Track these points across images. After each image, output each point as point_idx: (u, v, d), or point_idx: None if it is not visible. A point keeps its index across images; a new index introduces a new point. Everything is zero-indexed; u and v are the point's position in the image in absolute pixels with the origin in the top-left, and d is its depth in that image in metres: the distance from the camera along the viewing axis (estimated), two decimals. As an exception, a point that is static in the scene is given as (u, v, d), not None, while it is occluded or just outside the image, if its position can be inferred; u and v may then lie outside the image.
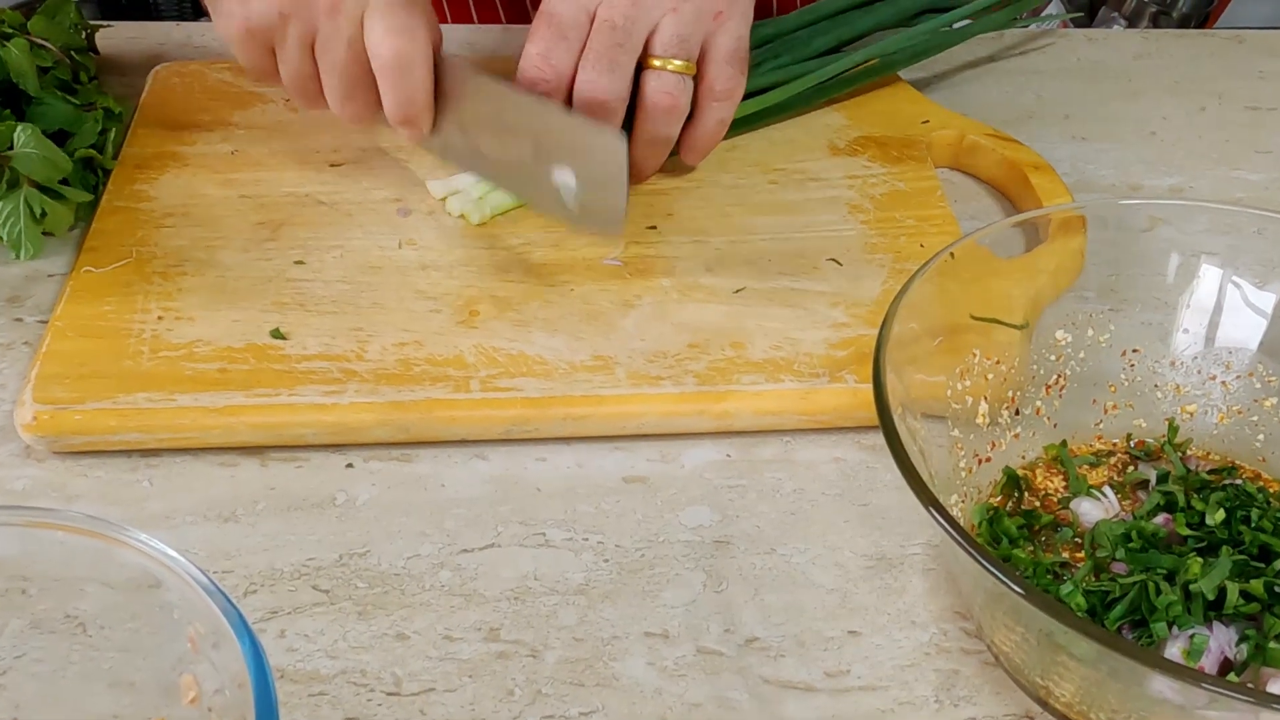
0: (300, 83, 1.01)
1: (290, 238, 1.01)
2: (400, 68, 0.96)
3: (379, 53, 0.96)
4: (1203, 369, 0.88)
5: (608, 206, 0.96)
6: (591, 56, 0.98)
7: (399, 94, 0.98)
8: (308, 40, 0.98)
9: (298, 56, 0.99)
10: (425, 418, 0.88)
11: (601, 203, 0.96)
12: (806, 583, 0.82)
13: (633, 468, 0.88)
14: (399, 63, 0.96)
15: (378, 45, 0.96)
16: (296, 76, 1.01)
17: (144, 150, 1.09)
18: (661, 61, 0.99)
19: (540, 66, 0.98)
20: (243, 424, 0.87)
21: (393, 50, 0.96)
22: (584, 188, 0.96)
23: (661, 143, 1.03)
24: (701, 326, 0.94)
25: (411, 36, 0.96)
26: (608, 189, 0.95)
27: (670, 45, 0.99)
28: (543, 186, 0.98)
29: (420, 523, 0.84)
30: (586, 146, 0.95)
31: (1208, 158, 1.18)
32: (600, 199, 0.96)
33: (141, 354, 0.90)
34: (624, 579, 0.81)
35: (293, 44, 0.99)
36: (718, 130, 1.05)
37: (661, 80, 1.00)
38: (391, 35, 0.95)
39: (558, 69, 0.98)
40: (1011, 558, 0.79)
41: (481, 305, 0.95)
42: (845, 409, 0.90)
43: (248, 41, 0.99)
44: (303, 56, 0.99)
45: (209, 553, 0.82)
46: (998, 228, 0.86)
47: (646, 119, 1.01)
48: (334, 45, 0.97)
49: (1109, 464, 0.87)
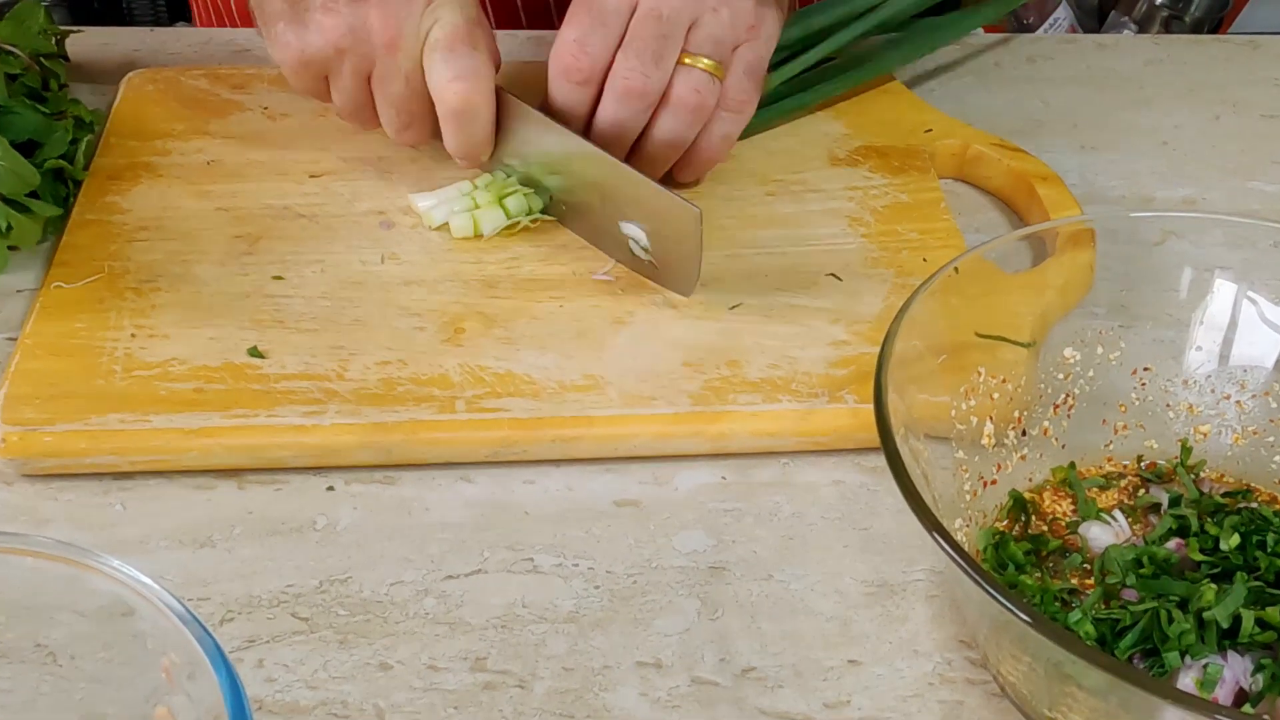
0: (355, 112, 1.05)
1: (269, 252, 1.01)
2: (465, 115, 1.00)
3: (444, 98, 1.00)
4: (1217, 388, 0.88)
5: (681, 269, 0.98)
6: (636, 45, 0.99)
7: (463, 138, 1.02)
8: (364, 73, 1.02)
9: (353, 87, 1.03)
10: (409, 439, 0.88)
11: (674, 263, 0.98)
12: (805, 610, 0.82)
13: (624, 491, 0.88)
14: (465, 109, 1.00)
15: (443, 91, 0.99)
16: (351, 105, 1.04)
17: (116, 161, 1.09)
18: (692, 59, 1.01)
19: (576, 54, 1.00)
20: (219, 446, 0.87)
21: (459, 98, 0.99)
22: (655, 246, 0.99)
23: (677, 144, 1.04)
24: (696, 344, 0.95)
25: (477, 81, 0.99)
26: (681, 253, 0.97)
27: (705, 44, 1.01)
28: (609, 232, 1.01)
29: (404, 548, 0.84)
30: (662, 212, 0.97)
31: (1222, 168, 1.19)
32: (672, 259, 0.98)
33: (114, 373, 0.90)
34: (615, 606, 0.81)
35: (348, 76, 1.02)
36: (721, 146, 1.05)
37: (691, 77, 1.01)
38: (458, 81, 0.99)
39: (593, 57, 1.00)
40: (1018, 584, 0.79)
41: (467, 322, 0.96)
42: (845, 430, 0.90)
43: (302, 71, 1.03)
44: (358, 87, 1.03)
45: (184, 579, 0.82)
46: (1004, 241, 0.87)
47: (669, 116, 1.02)
48: (392, 81, 1.01)
49: (1119, 487, 0.87)
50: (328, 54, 1.00)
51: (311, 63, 1.02)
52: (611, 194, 1.00)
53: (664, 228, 0.98)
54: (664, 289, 1.00)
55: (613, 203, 1.00)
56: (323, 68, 1.02)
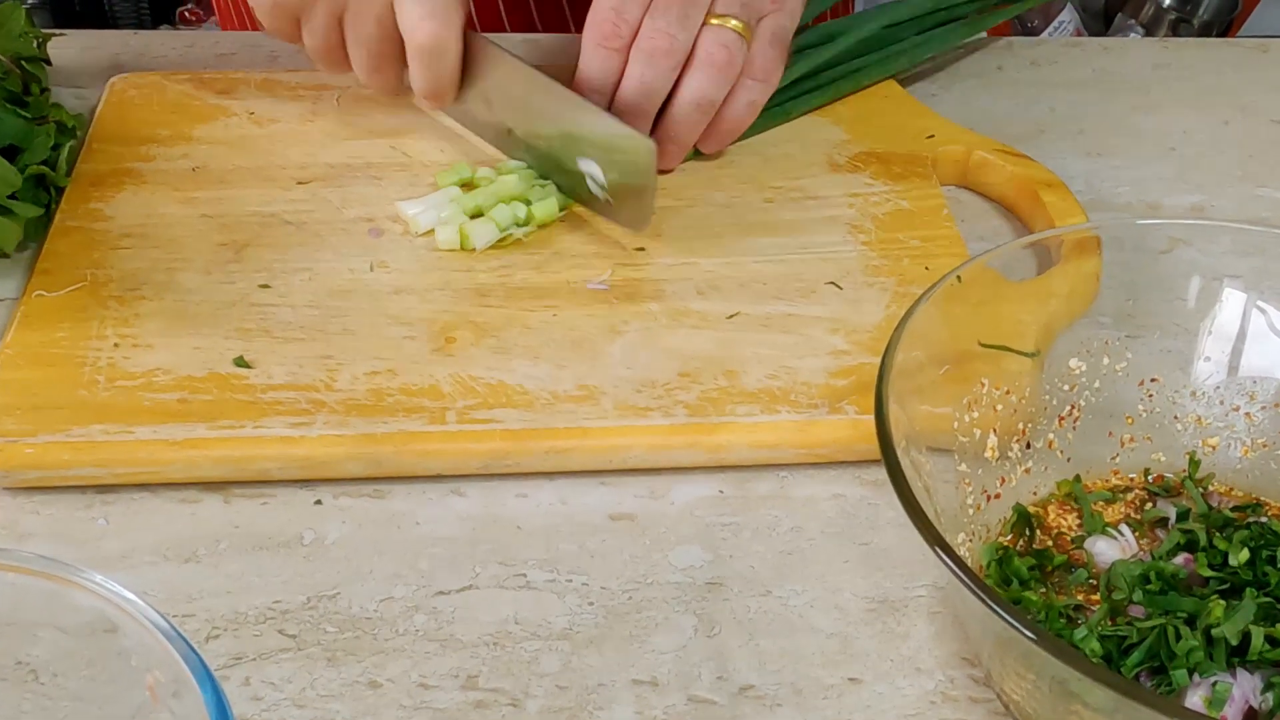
0: (326, 53, 1.08)
1: (255, 260, 1.01)
2: (434, 52, 1.03)
3: (413, 37, 1.02)
4: (1226, 399, 0.89)
5: (635, 205, 1.02)
6: (663, 6, 1.02)
7: (430, 76, 1.05)
8: (336, 13, 1.05)
9: (325, 29, 1.06)
10: (399, 451, 0.88)
11: (629, 199, 1.02)
12: (804, 627, 0.82)
13: (619, 504, 0.88)
14: (433, 47, 1.03)
15: (412, 30, 1.02)
16: (323, 47, 1.08)
17: (99, 167, 1.10)
18: (720, 20, 1.03)
19: (615, 21, 1.03)
20: (205, 458, 0.87)
21: (428, 35, 1.02)
22: (611, 182, 1.02)
23: (705, 105, 1.05)
24: (693, 354, 0.95)
25: (446, 20, 1.02)
26: (635, 188, 1.01)
27: (732, 5, 1.04)
28: (568, 170, 1.05)
29: (393, 563, 0.84)
30: (617, 147, 1.01)
31: (1231, 174, 1.19)
32: (628, 195, 1.02)
33: (97, 383, 0.90)
34: (610, 623, 0.81)
35: (320, 17, 1.05)
36: (747, 114, 1.08)
37: (720, 34, 1.03)
38: (427, 20, 1.01)
39: (631, 24, 1.03)
40: (1022, 600, 0.79)
41: (459, 331, 0.96)
42: (845, 442, 0.90)
43: (276, 11, 1.06)
44: (330, 29, 1.06)
45: (169, 595, 0.82)
46: (1008, 249, 0.87)
47: (697, 74, 1.04)
48: (363, 20, 1.04)
49: (1126, 500, 0.87)
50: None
51: (285, 3, 1.05)
52: (569, 129, 1.04)
53: (619, 162, 1.01)
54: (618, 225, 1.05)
55: (571, 139, 1.04)
56: (296, 8, 1.05)
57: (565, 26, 1.39)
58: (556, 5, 1.39)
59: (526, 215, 1.04)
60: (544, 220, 1.05)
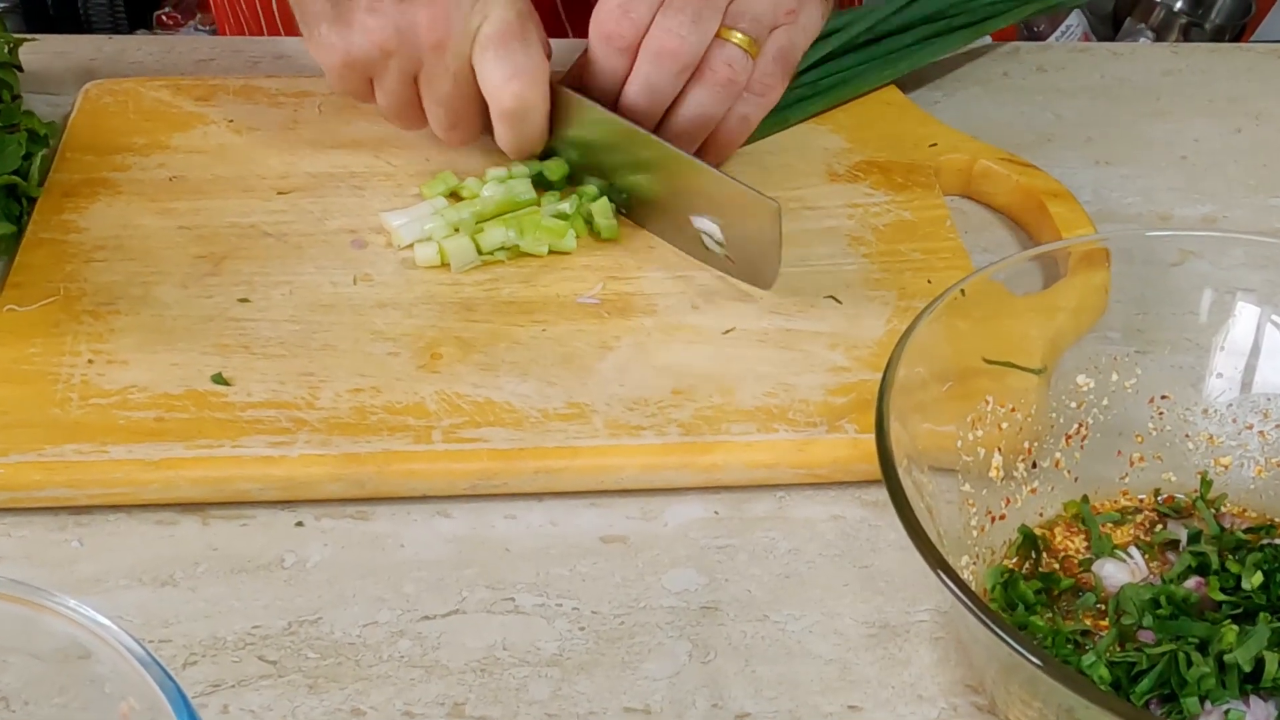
0: (400, 111, 1.08)
1: (234, 272, 1.01)
2: (521, 113, 1.03)
3: (498, 98, 1.03)
4: (1239, 417, 0.89)
5: (760, 263, 1.00)
6: (677, 5, 1.02)
7: (518, 137, 1.05)
8: (410, 74, 1.04)
9: (399, 88, 1.05)
10: (382, 471, 0.88)
11: (752, 257, 1.01)
12: (802, 653, 0.82)
13: (611, 526, 0.89)
14: (520, 109, 1.03)
15: (498, 91, 1.02)
16: (397, 106, 1.07)
17: (73, 176, 1.10)
18: (727, 33, 1.03)
19: (619, 19, 1.03)
20: (182, 478, 0.87)
21: (515, 98, 1.03)
22: (731, 240, 1.01)
23: (704, 121, 1.06)
24: (687, 371, 0.95)
25: (533, 79, 1.03)
26: (760, 247, 0.99)
27: (742, 19, 1.03)
28: (679, 225, 1.04)
29: (377, 587, 0.84)
30: (736, 207, 0.99)
31: (1244, 184, 1.19)
32: (750, 254, 1.01)
33: (70, 401, 0.90)
34: (601, 649, 0.82)
35: (394, 78, 1.05)
36: (739, 129, 1.08)
37: (725, 50, 1.03)
38: (514, 81, 1.02)
39: (636, 24, 1.03)
40: (1028, 625, 0.79)
41: (444, 347, 0.96)
42: (845, 461, 0.90)
43: (346, 74, 1.05)
44: (404, 87, 1.05)
45: (145, 620, 0.82)
46: (1013, 262, 0.87)
47: (699, 89, 1.04)
48: (440, 81, 1.04)
49: (1135, 522, 0.87)
50: (373, 56, 1.03)
51: (356, 64, 1.04)
52: (681, 188, 1.03)
53: (739, 222, 1.00)
54: (742, 282, 1.02)
55: (683, 197, 1.03)
56: (368, 69, 1.05)
57: (561, 32, 1.39)
58: (552, 10, 1.39)
59: (519, 233, 1.03)
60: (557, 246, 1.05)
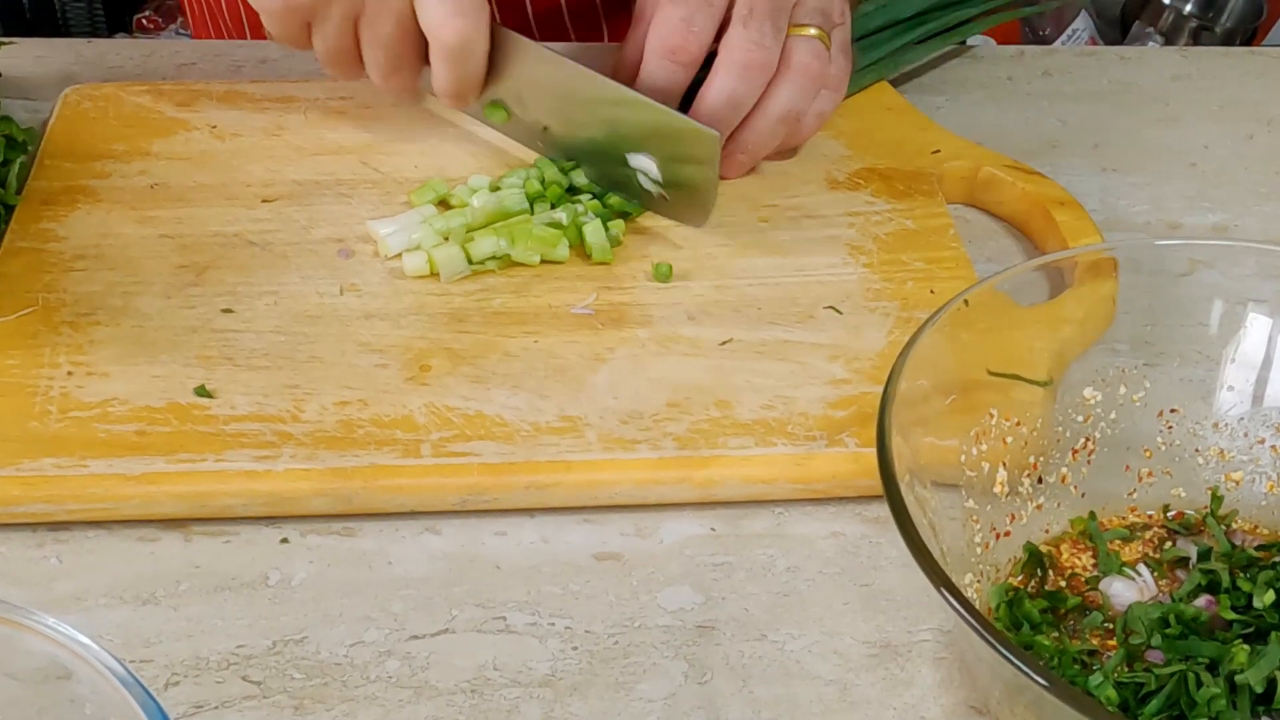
0: (338, 56, 1.08)
1: (217, 282, 1.02)
2: (461, 51, 1.04)
3: (440, 35, 1.03)
4: (1250, 431, 0.89)
5: (696, 198, 1.05)
6: (756, 18, 1.04)
7: (456, 76, 1.06)
8: (351, 15, 1.05)
9: (339, 31, 1.06)
10: (370, 486, 0.88)
11: (687, 192, 1.05)
12: (801, 673, 0.82)
13: (605, 543, 0.89)
14: (461, 46, 1.04)
15: (440, 27, 1.03)
16: (335, 50, 1.08)
17: (52, 184, 1.10)
18: (801, 29, 1.06)
19: (685, 34, 1.04)
20: (163, 493, 0.87)
21: (457, 33, 1.03)
22: (667, 176, 1.04)
23: (792, 117, 1.08)
24: (682, 383, 0.95)
25: (476, 17, 1.03)
26: (696, 181, 1.04)
27: (814, 16, 1.07)
28: (614, 165, 1.07)
29: (364, 605, 0.84)
30: (675, 138, 1.03)
31: (1255, 192, 1.19)
32: (686, 189, 1.05)
33: (49, 414, 0.90)
34: (595, 669, 0.82)
35: (336, 20, 1.05)
36: (816, 125, 1.12)
37: (811, 45, 1.06)
38: (455, 17, 1.02)
39: (700, 36, 1.05)
40: (1034, 645, 0.79)
41: (433, 359, 0.96)
42: (845, 477, 0.90)
43: (287, 16, 1.06)
44: (345, 31, 1.06)
45: (125, 639, 0.82)
46: (1018, 272, 0.87)
47: (788, 85, 1.07)
48: (382, 20, 1.04)
49: (1144, 539, 0.87)
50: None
51: (298, 7, 1.05)
52: (617, 125, 1.05)
53: (677, 155, 1.03)
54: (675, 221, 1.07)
55: (619, 134, 1.05)
56: (309, 13, 1.05)
57: (599, 36, 1.40)
58: (593, 15, 1.39)
59: (510, 242, 1.03)
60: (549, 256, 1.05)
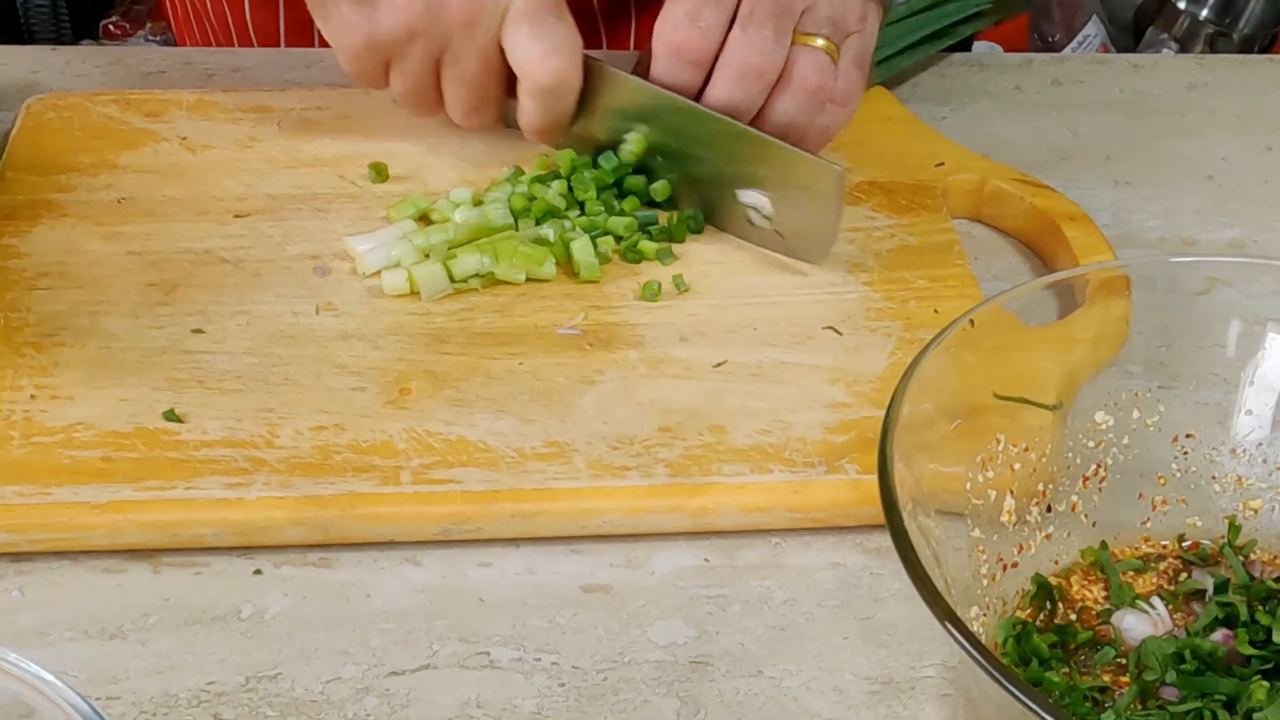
0: (418, 95, 1.09)
1: (187, 301, 1.02)
2: (557, 90, 1.05)
3: (534, 75, 1.04)
4: (1269, 458, 0.89)
5: (815, 235, 1.05)
6: (758, 19, 1.04)
7: (549, 115, 1.07)
8: (435, 55, 1.06)
9: (421, 69, 1.07)
10: (347, 515, 0.88)
11: (805, 229, 1.05)
12: (799, 711, 0.82)
13: (593, 574, 0.89)
14: (557, 86, 1.05)
15: (533, 67, 1.04)
16: (416, 89, 1.09)
17: (13, 198, 1.10)
18: (808, 39, 1.05)
19: (690, 30, 1.04)
20: (131, 523, 0.87)
21: (553, 74, 1.04)
22: (781, 213, 1.04)
23: (792, 130, 1.07)
24: (675, 407, 0.95)
25: (570, 55, 1.05)
26: (816, 218, 1.04)
27: (822, 25, 1.06)
28: (723, 202, 1.07)
29: (341, 640, 0.84)
30: (792, 175, 1.03)
31: (1274, 206, 1.20)
32: (804, 225, 1.04)
33: (11, 439, 0.90)
34: (583, 706, 0.82)
35: (417, 59, 1.06)
36: (820, 140, 1.10)
37: (813, 56, 1.06)
38: (551, 55, 1.04)
39: (707, 33, 1.04)
40: (1043, 681, 0.79)
41: (414, 382, 0.96)
42: (845, 505, 0.91)
43: (366, 56, 1.07)
44: (426, 69, 1.07)
45: (91, 675, 0.82)
46: (1026, 290, 0.87)
47: (787, 98, 1.06)
48: (467, 58, 1.05)
49: (1158, 570, 0.87)
50: (399, 36, 1.04)
51: (379, 46, 1.06)
52: (729, 160, 1.05)
53: (794, 192, 1.03)
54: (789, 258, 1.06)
55: (730, 170, 1.05)
56: (390, 51, 1.06)
57: (597, 43, 1.40)
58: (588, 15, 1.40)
59: (494, 259, 1.03)
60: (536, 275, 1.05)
